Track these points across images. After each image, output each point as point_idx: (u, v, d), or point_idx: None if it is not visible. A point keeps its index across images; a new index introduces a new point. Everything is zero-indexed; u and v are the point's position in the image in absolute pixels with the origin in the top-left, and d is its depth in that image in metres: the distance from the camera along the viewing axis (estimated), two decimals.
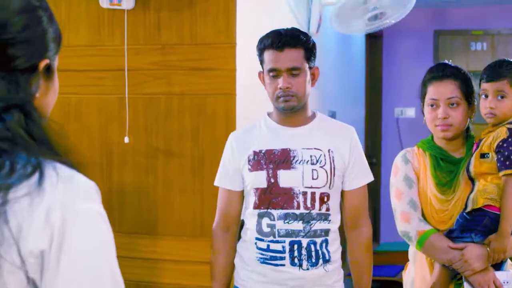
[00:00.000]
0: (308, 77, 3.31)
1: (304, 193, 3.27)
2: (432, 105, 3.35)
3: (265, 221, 3.30)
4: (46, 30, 1.48)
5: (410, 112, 8.94)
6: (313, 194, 3.28)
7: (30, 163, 1.32)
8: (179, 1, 4.37)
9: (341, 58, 7.33)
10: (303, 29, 5.39)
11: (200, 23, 4.33)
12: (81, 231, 1.32)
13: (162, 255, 4.44)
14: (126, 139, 4.41)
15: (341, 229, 3.41)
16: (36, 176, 1.31)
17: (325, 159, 3.30)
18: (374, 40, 8.96)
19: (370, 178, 3.44)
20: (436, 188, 3.34)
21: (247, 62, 4.33)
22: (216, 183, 3.49)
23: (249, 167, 3.34)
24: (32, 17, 1.44)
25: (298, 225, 3.27)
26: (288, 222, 3.26)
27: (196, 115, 4.36)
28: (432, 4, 8.76)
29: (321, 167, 3.29)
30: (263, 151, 3.33)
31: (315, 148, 3.31)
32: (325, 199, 3.30)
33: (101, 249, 1.36)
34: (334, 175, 3.30)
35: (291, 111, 3.31)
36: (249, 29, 4.40)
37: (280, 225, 3.27)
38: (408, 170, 3.41)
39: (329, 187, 3.30)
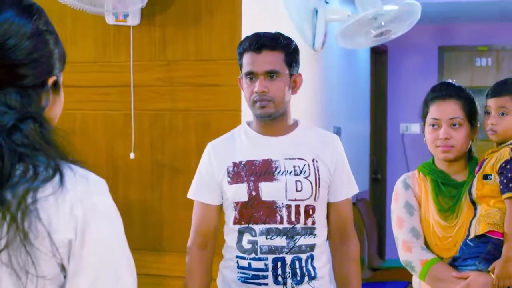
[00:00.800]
0: (288, 83, 3.12)
1: (288, 206, 3.07)
2: (433, 125, 3.25)
3: (246, 237, 3.10)
4: (52, 51, 1.67)
5: (415, 128, 8.93)
6: (297, 207, 3.08)
7: (50, 165, 1.52)
8: (185, 18, 4.39)
9: (346, 74, 7.33)
10: (308, 45, 5.40)
11: (206, 39, 4.35)
12: (98, 221, 1.56)
13: (168, 271, 4.44)
14: (132, 155, 4.42)
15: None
16: (57, 177, 1.52)
17: (309, 170, 3.11)
18: (379, 56, 8.96)
19: (355, 189, 3.29)
20: (439, 214, 3.22)
21: None
22: (190, 196, 3.28)
23: (229, 179, 3.13)
24: (40, 41, 1.63)
25: (281, 241, 3.06)
26: (270, 238, 3.06)
27: (201, 131, 4.37)
28: (436, 20, 8.77)
29: (305, 178, 3.10)
30: (243, 162, 3.12)
31: (298, 158, 3.13)
32: (311, 212, 3.11)
33: (115, 235, 1.61)
34: (319, 186, 3.12)
35: (269, 118, 3.11)
36: None
37: (262, 241, 3.07)
38: (409, 196, 3.30)
39: (315, 199, 3.11)
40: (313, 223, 3.12)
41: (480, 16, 8.63)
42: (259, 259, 3.08)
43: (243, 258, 3.11)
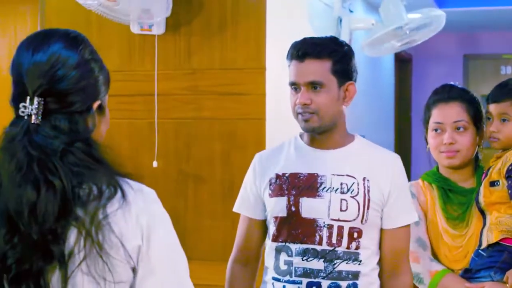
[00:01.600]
0: (337, 94, 2.78)
1: (330, 227, 2.74)
2: (436, 130, 3.09)
3: (283, 257, 2.79)
4: (97, 77, 1.84)
5: None
6: (340, 228, 2.74)
7: (111, 184, 1.72)
8: (210, 27, 4.40)
9: (370, 82, 7.32)
10: None
11: (230, 48, 4.36)
12: (159, 226, 1.79)
13: (192, 280, 4.42)
14: (155, 164, 4.43)
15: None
16: (119, 193, 1.72)
17: (358, 189, 2.76)
18: (403, 64, 8.94)
19: (414, 217, 2.87)
20: (448, 222, 3.04)
21: (277, 87, 4.33)
22: (235, 209, 3.06)
23: (270, 192, 2.85)
24: (86, 70, 1.80)
25: (318, 264, 2.73)
26: (307, 260, 2.74)
27: (226, 139, 4.37)
28: (461, 29, 8.75)
29: (352, 197, 2.75)
30: (286, 175, 2.83)
31: (347, 175, 2.78)
32: (356, 236, 2.75)
33: (173, 235, 1.85)
34: (368, 208, 2.75)
35: (313, 132, 2.81)
36: (279, 54, 4.40)
37: (297, 262, 2.75)
38: (415, 205, 2.99)
39: (362, 221, 2.74)
40: (358, 248, 2.75)
41: (505, 25, 8.59)
42: (293, 282, 2.76)
43: (279, 280, 2.81)
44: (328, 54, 2.77)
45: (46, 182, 1.65)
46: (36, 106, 1.73)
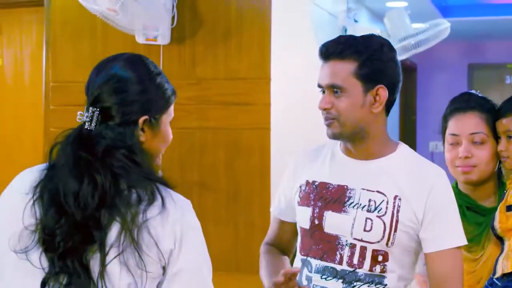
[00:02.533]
0: (361, 99, 2.47)
1: (352, 246, 2.48)
2: (452, 143, 2.80)
3: (305, 271, 2.57)
4: (148, 96, 2.07)
5: None
6: (363, 249, 2.47)
7: (148, 188, 1.98)
8: (214, 37, 4.41)
9: None
10: None
11: (235, 58, 4.36)
12: (191, 235, 2.02)
13: None
14: (160, 173, 4.42)
15: None
16: (159, 200, 1.98)
17: (386, 208, 2.46)
18: (408, 73, 8.95)
19: (459, 241, 2.49)
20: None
21: (281, 97, 4.34)
22: (271, 209, 2.84)
23: (298, 199, 2.63)
24: (136, 88, 2.05)
25: (336, 284, 2.48)
26: (325, 279, 2.50)
27: (231, 149, 4.38)
28: (466, 38, 8.75)
29: (378, 216, 2.46)
30: (316, 183, 2.58)
31: (377, 191, 2.49)
32: (380, 259, 2.47)
33: (201, 244, 2.08)
34: (395, 231, 2.45)
35: (337, 139, 2.58)
36: (284, 64, 4.43)
37: (316, 280, 2.53)
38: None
39: (387, 244, 2.45)
40: (383, 271, 2.47)
41: (509, 34, 8.59)
42: None
43: None
44: (351, 54, 2.47)
45: (89, 177, 1.93)
46: (90, 115, 2.01)
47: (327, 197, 2.54)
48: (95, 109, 2.02)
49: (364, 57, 2.46)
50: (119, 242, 1.92)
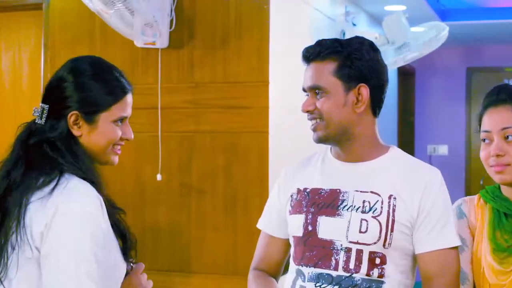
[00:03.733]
0: (342, 99, 2.44)
1: (348, 250, 2.39)
2: (484, 140, 2.53)
3: (299, 282, 2.47)
4: (69, 95, 2.22)
5: (443, 150, 8.89)
6: (359, 252, 2.38)
7: (53, 177, 2.10)
8: (213, 40, 4.41)
9: None
10: None
11: (233, 61, 4.36)
12: (61, 221, 2.05)
13: None
14: (159, 177, 4.43)
15: None
16: (51, 185, 2.09)
17: (381, 208, 2.39)
18: (406, 77, 8.95)
19: (450, 242, 2.41)
20: (493, 254, 2.46)
21: (279, 100, 4.34)
22: (258, 225, 2.75)
23: (290, 208, 2.56)
24: (57, 87, 2.24)
25: None
26: (320, 286, 2.40)
27: (229, 153, 4.38)
28: (464, 42, 8.76)
29: (374, 217, 2.39)
30: (308, 190, 2.52)
31: (371, 192, 2.43)
32: (377, 262, 2.38)
33: (71, 234, 2.06)
34: (392, 231, 2.38)
35: (325, 143, 2.52)
36: (282, 68, 4.43)
37: None
38: (461, 227, 2.55)
39: (384, 245, 2.38)
40: (381, 276, 2.38)
41: (508, 38, 8.60)
42: None
43: None
44: (330, 54, 2.46)
45: (13, 164, 2.18)
46: (40, 110, 2.23)
47: (320, 202, 2.47)
48: (43, 105, 2.23)
49: (343, 56, 2.45)
50: (11, 221, 2.09)
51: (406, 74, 8.82)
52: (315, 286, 2.40)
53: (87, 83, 2.24)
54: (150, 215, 4.53)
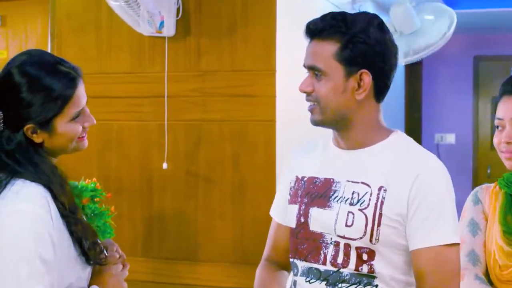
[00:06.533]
0: (342, 84, 2.23)
1: (336, 244, 2.23)
2: (497, 127, 2.56)
3: (291, 275, 2.38)
4: (21, 104, 2.17)
5: (450, 138, 8.87)
6: (347, 246, 2.22)
7: (5, 183, 2.12)
8: (219, 29, 4.40)
9: None
10: None
11: (240, 50, 4.36)
12: (6, 223, 2.05)
13: (202, 281, 4.44)
14: (165, 165, 4.43)
15: None
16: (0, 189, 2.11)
17: (369, 200, 2.20)
18: (413, 66, 8.92)
19: (448, 238, 2.17)
20: (503, 237, 2.50)
21: (287, 89, 4.33)
22: (270, 211, 2.57)
23: (289, 197, 2.42)
24: (16, 98, 2.18)
25: (320, 287, 2.26)
26: (309, 281, 2.28)
27: (236, 141, 4.38)
28: (471, 30, 8.73)
29: (360, 210, 2.20)
30: (305, 178, 2.36)
31: (362, 183, 2.24)
32: (365, 257, 2.21)
33: (8, 236, 2.05)
34: (379, 225, 2.18)
35: (323, 127, 2.33)
36: (289, 56, 4.42)
37: (301, 283, 2.31)
38: (476, 212, 2.59)
39: (371, 240, 2.19)
40: (371, 271, 2.21)
41: None
42: None
43: None
44: (333, 34, 2.22)
45: None
46: (1, 118, 2.19)
47: (313, 192, 2.31)
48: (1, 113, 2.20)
49: (346, 38, 2.21)
50: None
51: (413, 62, 8.81)
52: (305, 281, 2.29)
53: (29, 93, 2.19)
54: (157, 203, 4.53)
